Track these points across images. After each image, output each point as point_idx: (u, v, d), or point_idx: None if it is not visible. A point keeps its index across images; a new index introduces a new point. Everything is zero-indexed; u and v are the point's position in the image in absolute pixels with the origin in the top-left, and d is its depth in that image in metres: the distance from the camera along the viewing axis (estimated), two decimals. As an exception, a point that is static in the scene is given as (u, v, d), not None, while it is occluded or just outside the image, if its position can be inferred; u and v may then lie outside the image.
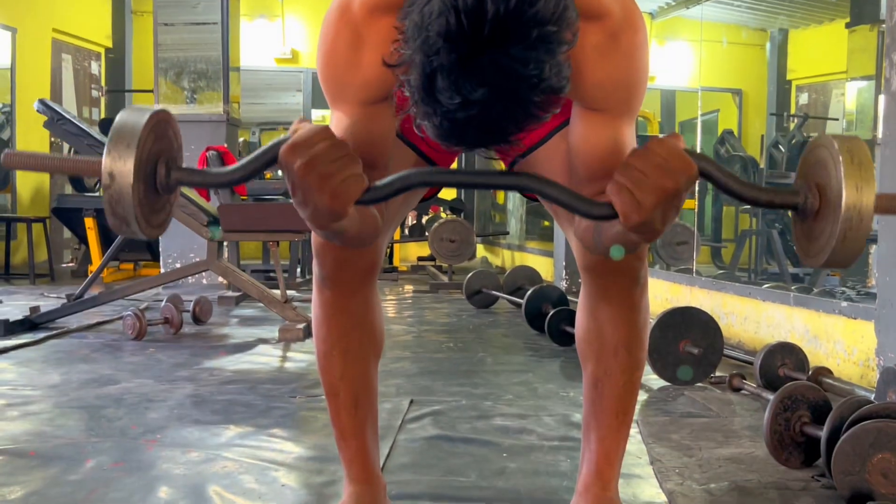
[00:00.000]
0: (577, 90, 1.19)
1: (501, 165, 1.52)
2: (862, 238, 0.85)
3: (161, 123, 0.93)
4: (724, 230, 7.67)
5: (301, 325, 3.56)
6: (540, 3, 0.88)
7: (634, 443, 2.04)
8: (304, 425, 2.22)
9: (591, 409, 1.46)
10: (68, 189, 7.47)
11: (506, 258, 8.04)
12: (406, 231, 7.81)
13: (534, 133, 1.45)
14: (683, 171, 0.99)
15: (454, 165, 1.63)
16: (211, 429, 2.12)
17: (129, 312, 3.54)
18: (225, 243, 4.57)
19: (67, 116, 3.70)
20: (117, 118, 0.88)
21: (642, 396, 2.61)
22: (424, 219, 8.15)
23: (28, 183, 7.46)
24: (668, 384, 2.68)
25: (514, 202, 8.15)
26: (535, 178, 1.04)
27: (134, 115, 0.88)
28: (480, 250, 8.81)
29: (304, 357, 3.15)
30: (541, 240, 7.94)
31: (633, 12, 1.17)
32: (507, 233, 8.08)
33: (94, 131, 3.80)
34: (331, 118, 1.27)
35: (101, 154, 0.88)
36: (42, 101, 3.69)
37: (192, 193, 3.95)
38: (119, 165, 0.84)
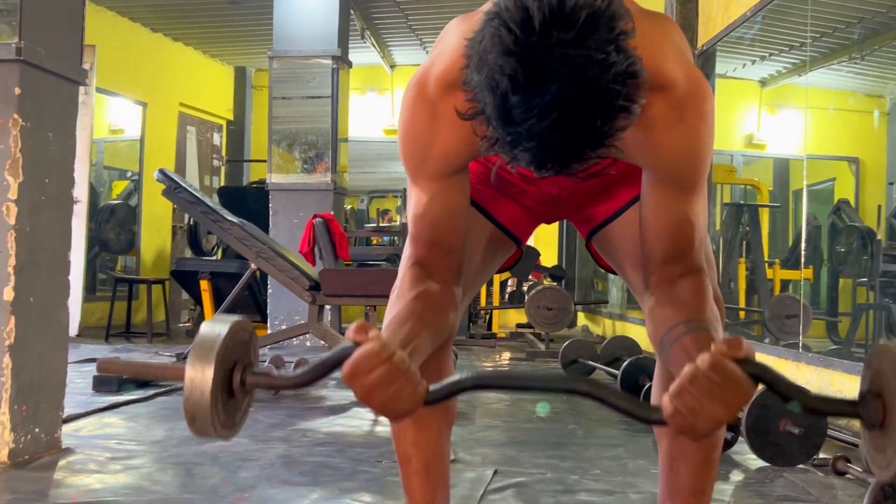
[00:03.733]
0: (644, 160, 1.21)
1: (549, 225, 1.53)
2: None
3: (238, 333, 0.98)
4: (841, 303, 7.32)
5: (395, 390, 3.61)
6: None
7: (724, 525, 1.96)
8: (388, 490, 2.24)
9: (667, 488, 1.43)
10: (188, 253, 7.89)
11: (606, 327, 7.91)
12: (506, 297, 7.81)
13: (610, 204, 1.46)
14: (738, 401, 0.95)
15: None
16: (297, 490, 2.17)
17: (233, 372, 3.67)
18: (327, 307, 4.71)
19: (184, 185, 3.95)
20: (201, 329, 0.93)
21: (738, 477, 2.50)
22: (525, 285, 8.14)
23: (151, 246, 7.92)
24: (767, 465, 2.56)
25: (617, 271, 8.03)
26: (590, 383, 1.01)
27: (216, 328, 0.93)
28: (581, 318, 8.71)
29: (395, 422, 3.18)
30: (641, 310, 7.77)
31: (698, 83, 1.18)
32: (607, 302, 7.96)
33: (208, 199, 4.04)
34: (409, 195, 1.32)
35: (221, 226, 0.93)
36: (161, 171, 3.97)
37: (297, 260, 4.11)
38: (199, 375, 0.90)
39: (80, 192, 6.10)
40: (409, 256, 1.31)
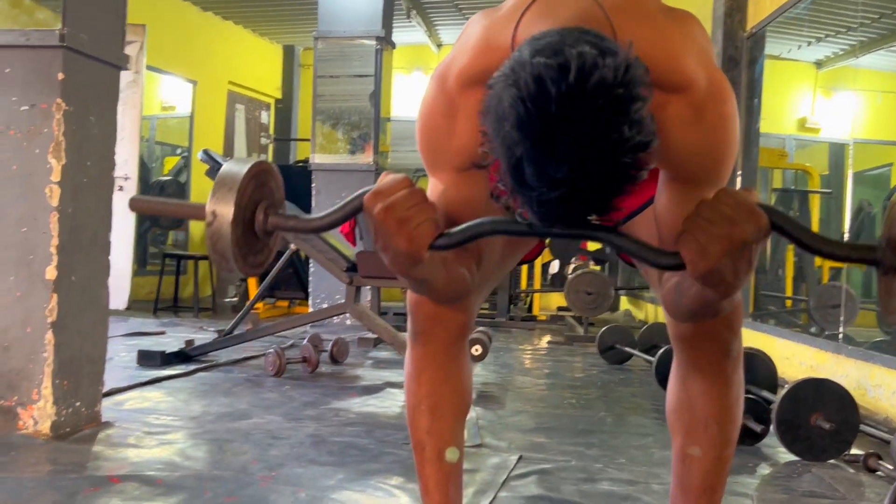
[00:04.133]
0: (661, 160, 1.21)
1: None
2: None
3: (262, 174, 1.00)
4: None
5: (428, 372, 3.64)
6: (598, 70, 0.90)
7: (745, 520, 1.96)
8: (412, 474, 2.25)
9: (679, 483, 1.43)
10: (235, 229, 8.04)
11: (649, 312, 7.84)
12: (548, 280, 7.80)
13: (633, 200, 1.47)
14: (751, 220, 0.98)
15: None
16: (324, 469, 2.22)
17: (272, 350, 3.75)
18: (367, 287, 4.76)
19: (227, 166, 4.02)
20: (223, 167, 0.96)
21: (765, 470, 2.49)
22: (569, 268, 8.11)
23: (200, 223, 8.07)
24: (797, 459, 2.54)
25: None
26: (605, 230, 1.03)
27: (237, 166, 0.95)
28: (624, 302, 8.66)
29: (426, 404, 3.22)
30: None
31: (719, 84, 1.17)
32: (648, 287, 7.89)
33: (250, 180, 4.10)
34: (429, 185, 1.34)
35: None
36: (205, 152, 4.04)
37: (336, 241, 4.16)
38: (220, 207, 0.92)
39: (130, 169, 6.25)
40: None
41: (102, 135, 2.56)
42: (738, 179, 5.08)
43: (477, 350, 3.47)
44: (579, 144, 0.90)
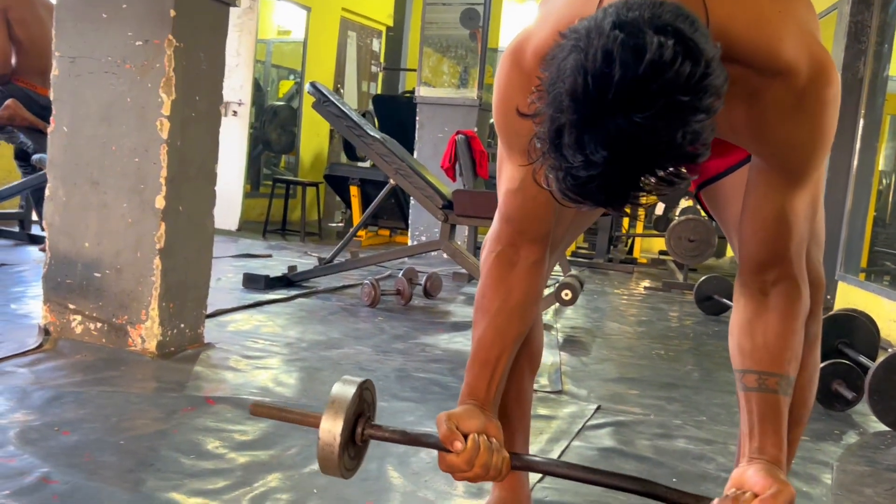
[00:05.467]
0: (755, 146, 1.17)
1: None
2: None
3: (364, 392, 1.21)
4: None
5: (518, 313, 3.68)
6: (672, 70, 0.85)
7: (822, 491, 1.93)
8: (489, 415, 2.34)
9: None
10: (343, 157, 8.21)
11: (758, 261, 7.60)
12: (651, 221, 7.65)
13: (721, 160, 1.44)
14: None
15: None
16: (405, 405, 2.31)
17: (367, 281, 3.87)
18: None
19: (332, 99, 4.09)
20: (334, 389, 1.17)
21: (851, 439, 2.43)
22: (675, 211, 7.92)
23: (310, 148, 8.28)
24: (888, 429, 2.46)
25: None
26: (658, 486, 1.12)
27: (345, 389, 1.17)
28: (730, 250, 8.42)
29: (513, 345, 3.27)
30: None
31: (823, 67, 1.10)
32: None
33: (354, 114, 4.17)
34: (502, 165, 1.32)
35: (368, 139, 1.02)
36: (312, 84, 4.12)
37: (434, 178, 4.20)
38: (332, 426, 1.15)
39: (244, 94, 6.44)
40: (496, 239, 1.33)
41: (210, 70, 2.66)
42: (860, 130, 4.80)
43: (567, 295, 3.47)
44: (625, 137, 0.87)
